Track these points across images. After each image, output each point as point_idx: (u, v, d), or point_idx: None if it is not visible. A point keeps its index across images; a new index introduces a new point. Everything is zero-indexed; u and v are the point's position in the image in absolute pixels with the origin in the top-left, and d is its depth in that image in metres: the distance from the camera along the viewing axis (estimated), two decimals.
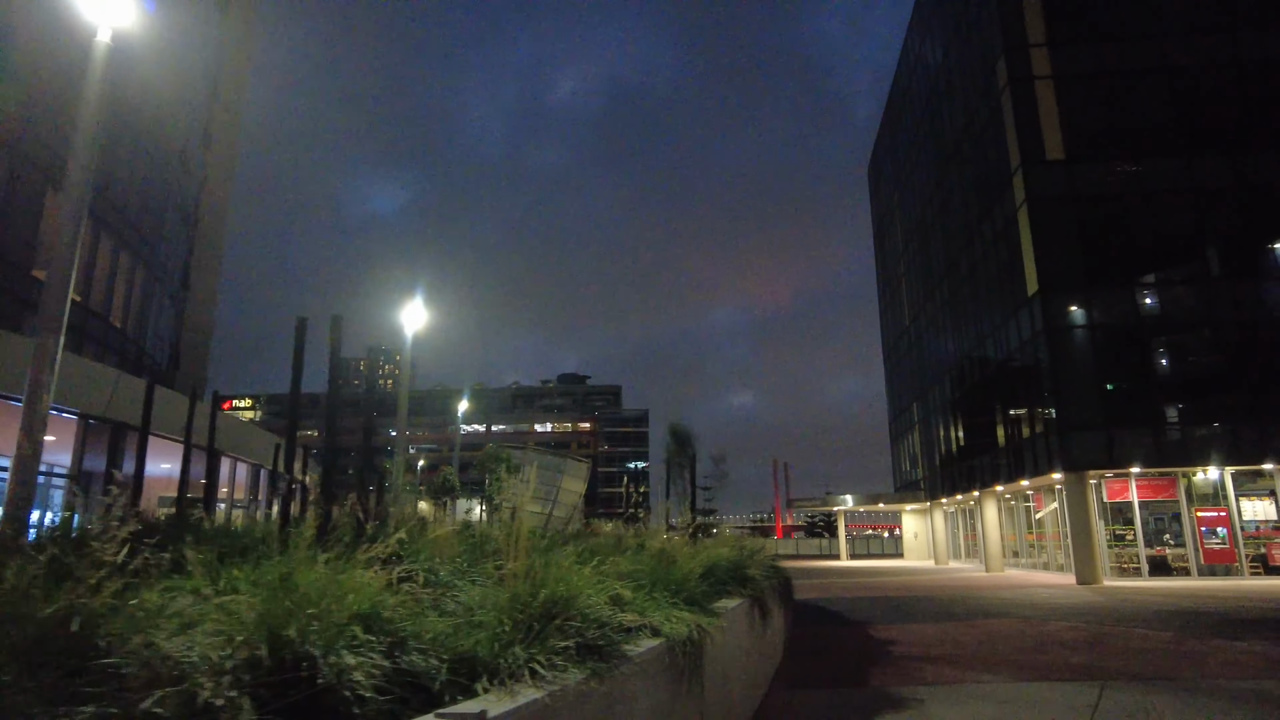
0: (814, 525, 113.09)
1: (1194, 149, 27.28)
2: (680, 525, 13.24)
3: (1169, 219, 27.11)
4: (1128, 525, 26.06)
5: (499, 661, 2.90)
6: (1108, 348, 26.51)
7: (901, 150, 50.07)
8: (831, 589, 24.92)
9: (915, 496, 47.59)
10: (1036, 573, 31.08)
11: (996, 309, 31.20)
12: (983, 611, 16.38)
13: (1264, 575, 24.87)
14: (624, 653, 3.43)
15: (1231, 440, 24.99)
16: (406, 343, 17.32)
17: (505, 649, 2.98)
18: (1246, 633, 12.35)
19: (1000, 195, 29.93)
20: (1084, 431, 25.56)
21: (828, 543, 78.00)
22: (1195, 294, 26.43)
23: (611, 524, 13.34)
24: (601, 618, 3.72)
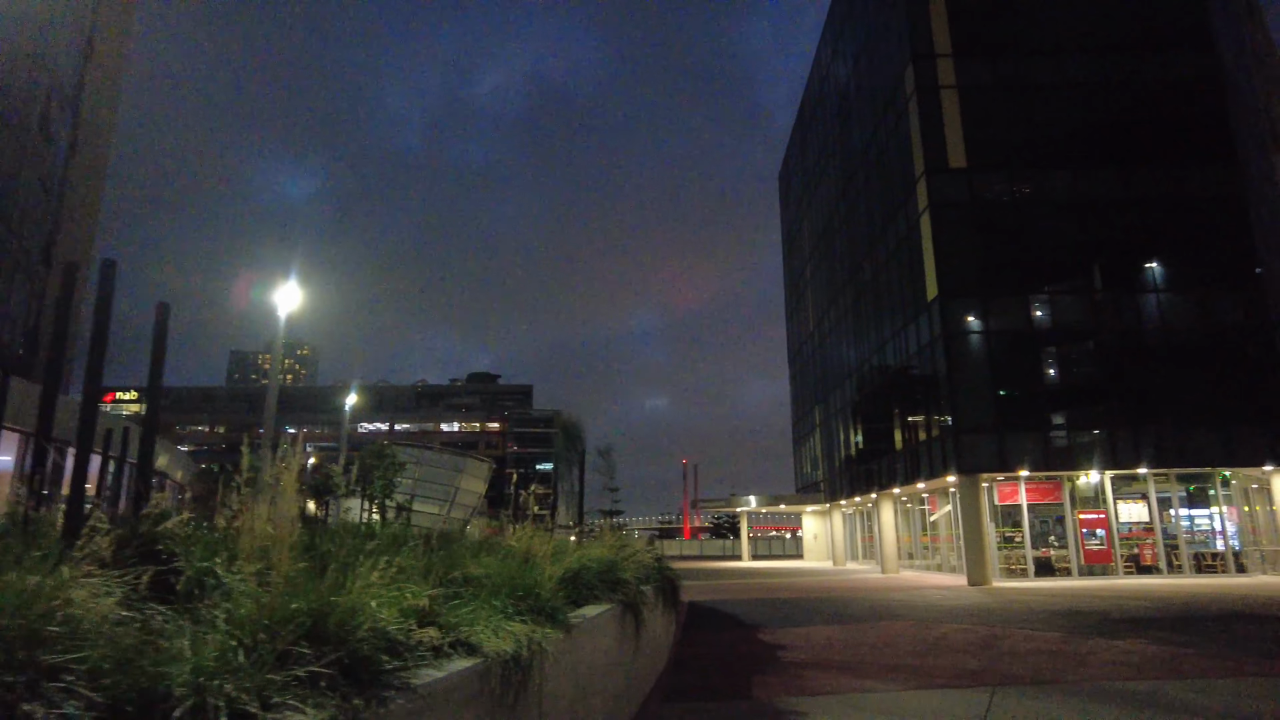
0: (719, 526, 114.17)
1: (1086, 163, 28.30)
2: (573, 526, 12.39)
3: (1061, 230, 28.01)
4: (1016, 527, 26.74)
5: (195, 700, 2.04)
6: (1001, 354, 27.16)
7: (811, 158, 50.72)
8: (730, 590, 24.58)
9: (816, 498, 48.22)
10: (930, 574, 31.67)
11: (897, 314, 31.67)
12: (877, 614, 16.20)
13: (1136, 574, 25.90)
14: (406, 681, 2.61)
15: (1111, 446, 25.95)
16: (280, 324, 15.93)
17: (212, 679, 2.12)
18: (1124, 631, 12.44)
19: (904, 202, 30.38)
20: (978, 435, 26.08)
21: (732, 544, 78.59)
22: (1082, 304, 27.39)
23: (517, 526, 12.53)
24: (391, 635, 2.91)
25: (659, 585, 8.71)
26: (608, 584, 6.01)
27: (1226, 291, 27.55)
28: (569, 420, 16.06)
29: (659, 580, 8.88)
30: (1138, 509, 26.75)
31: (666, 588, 9.53)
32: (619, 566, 6.44)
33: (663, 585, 9.03)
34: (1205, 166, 28.34)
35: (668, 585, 9.60)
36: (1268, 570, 26.82)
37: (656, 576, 8.76)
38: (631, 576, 6.42)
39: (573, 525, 20.71)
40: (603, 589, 5.89)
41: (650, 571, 8.44)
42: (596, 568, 6.05)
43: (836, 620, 15.07)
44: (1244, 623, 13.81)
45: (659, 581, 8.83)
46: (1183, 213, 28.05)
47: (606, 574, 6.12)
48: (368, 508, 20.65)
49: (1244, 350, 27.17)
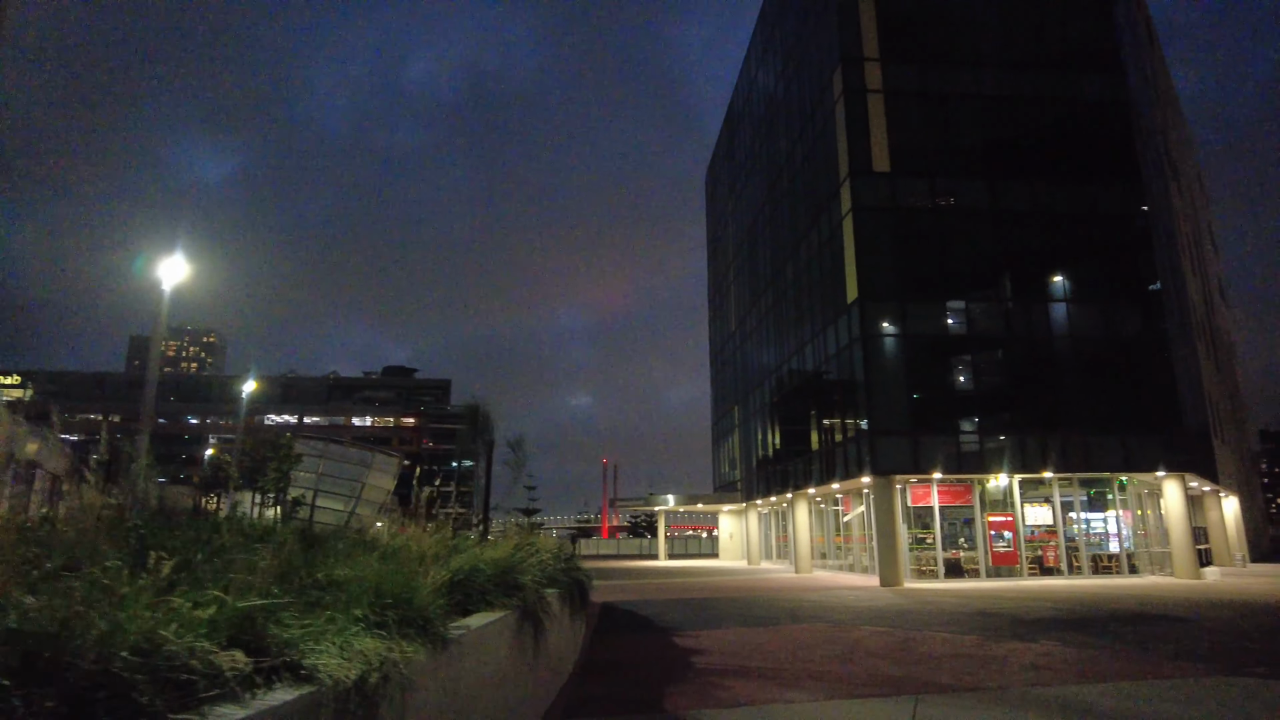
0: (637, 525, 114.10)
1: (1001, 175, 28.95)
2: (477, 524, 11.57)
3: (977, 239, 28.57)
4: (927, 529, 27.09)
5: None
6: (917, 358, 27.50)
7: (738, 157, 50.83)
8: (645, 590, 24.05)
9: (733, 497, 48.31)
10: (843, 574, 31.89)
11: (818, 316, 31.79)
12: (793, 615, 15.89)
13: (1040, 576, 26.57)
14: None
15: (1020, 450, 26.56)
16: (163, 298, 14.54)
17: None
18: (1038, 633, 12.40)
19: (828, 204, 30.49)
20: (892, 437, 26.29)
21: (649, 543, 78.39)
22: (995, 313, 27.99)
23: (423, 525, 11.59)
24: (179, 659, 2.15)
25: (566, 588, 8.01)
26: (504, 588, 5.29)
27: (1128, 306, 28.62)
28: (476, 406, 14.60)
29: (567, 582, 8.18)
30: (1043, 512, 27.47)
31: (574, 590, 8.84)
32: (518, 568, 5.72)
33: (570, 588, 8.34)
34: (1112, 185, 29.39)
35: (576, 587, 8.91)
36: (1156, 571, 27.97)
37: (564, 578, 8.06)
38: (532, 579, 5.71)
39: (477, 523, 19.73)
40: (497, 594, 5.16)
41: (557, 573, 7.74)
42: (491, 570, 5.32)
43: (752, 622, 14.66)
44: (1146, 623, 14.02)
45: (567, 584, 8.13)
46: (1090, 228, 28.99)
47: (503, 577, 5.40)
48: (260, 502, 19.26)
49: (1142, 362, 28.26)
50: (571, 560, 11.12)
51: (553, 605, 6.42)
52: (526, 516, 61.56)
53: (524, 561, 6.07)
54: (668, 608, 18.01)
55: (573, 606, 8.46)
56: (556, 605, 6.95)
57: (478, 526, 18.01)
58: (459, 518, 16.77)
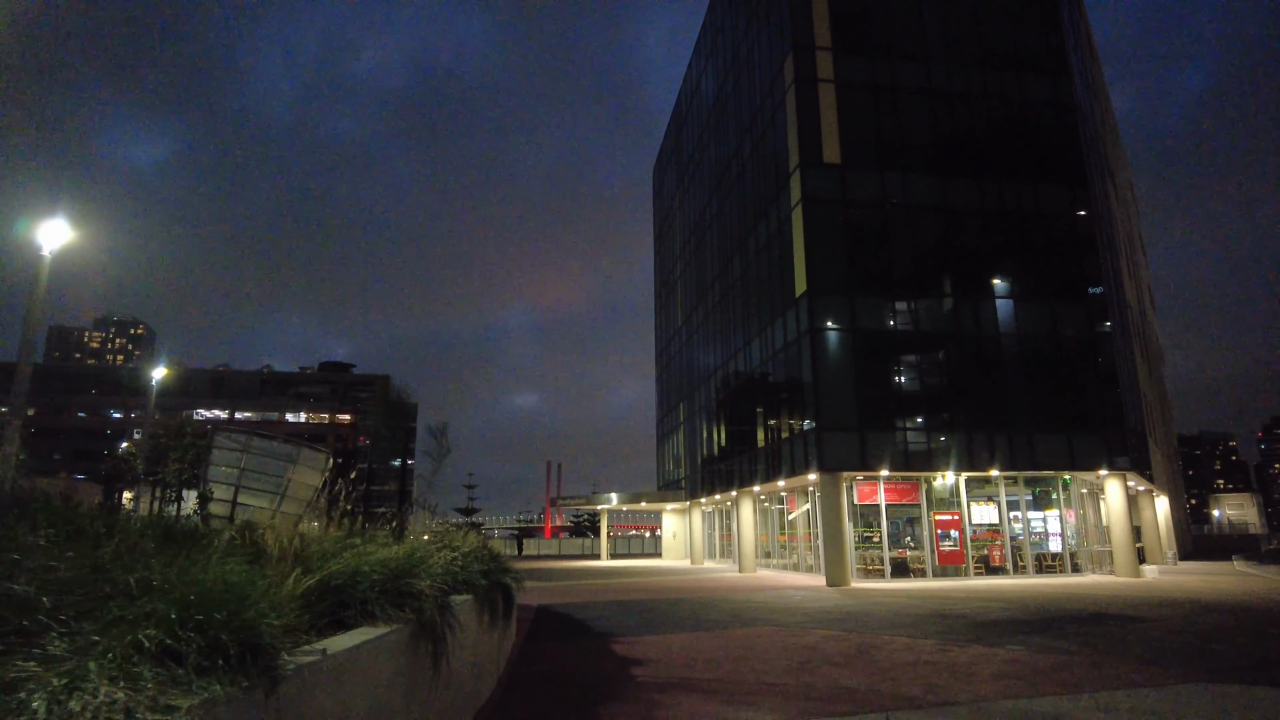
0: (580, 525, 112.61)
1: (949, 171, 28.67)
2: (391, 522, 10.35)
3: (926, 235, 28.22)
4: (873, 528, 26.59)
5: None
6: (866, 354, 26.99)
7: (686, 152, 50.04)
8: (585, 592, 22.94)
9: (677, 496, 47.48)
10: (787, 573, 31.26)
11: (765, 310, 31.11)
12: (740, 618, 14.98)
13: (985, 575, 26.31)
14: None
15: (967, 448, 26.25)
16: (44, 264, 12.90)
17: None
18: (999, 637, 11.71)
19: (777, 196, 29.82)
20: (840, 433, 25.71)
21: (591, 543, 77.09)
22: (943, 309, 27.65)
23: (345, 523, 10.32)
24: None
25: (485, 593, 6.88)
26: (394, 596, 4.16)
27: (1072, 305, 28.60)
28: (392, 389, 13.01)
29: (486, 586, 7.05)
30: (988, 511, 27.23)
31: (496, 595, 7.71)
32: (415, 571, 4.58)
33: (491, 592, 7.22)
34: (1058, 186, 29.41)
35: (498, 592, 7.78)
36: (1097, 570, 28.01)
37: (482, 581, 6.92)
38: (432, 585, 4.57)
39: (388, 522, 18.37)
40: (384, 604, 4.03)
41: (472, 576, 6.60)
42: (379, 575, 4.18)
43: (698, 626, 13.70)
44: (1106, 624, 13.49)
45: (486, 588, 6.99)
46: (1036, 228, 28.93)
47: (394, 583, 4.26)
48: (160, 497, 17.58)
49: (1086, 362, 28.29)
50: (498, 561, 9.99)
51: (462, 616, 5.29)
52: (465, 516, 59.94)
53: (424, 563, 4.94)
54: (607, 610, 16.95)
55: (494, 614, 7.33)
56: (468, 615, 5.83)
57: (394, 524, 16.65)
58: (390, 517, 15.50)
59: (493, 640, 7.54)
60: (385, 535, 7.85)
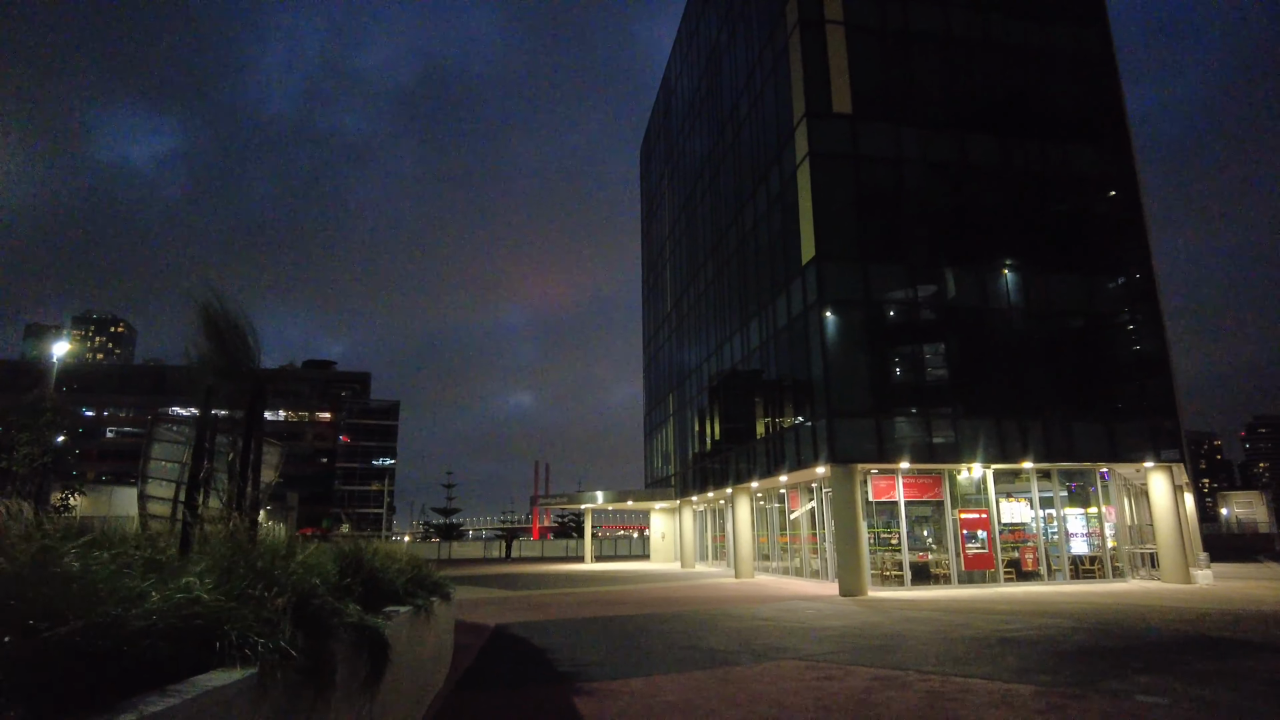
0: (565, 526, 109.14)
1: (970, 126, 25.50)
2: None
3: (946, 196, 25.00)
4: (891, 528, 23.32)
5: None
6: (881, 328, 23.74)
7: (676, 123, 46.66)
8: (559, 605, 19.55)
9: (665, 494, 44.10)
10: (790, 579, 27.99)
11: (765, 283, 27.80)
12: (749, 646, 11.63)
13: (1017, 580, 23.14)
14: None
15: (996, 437, 23.03)
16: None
17: None
18: (1109, 676, 8.42)
19: (779, 154, 26.51)
20: (854, 419, 22.43)
21: (576, 544, 73.58)
22: (967, 280, 24.37)
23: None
24: None
25: (317, 642, 3.54)
26: None
27: (1113, 279, 25.51)
28: (207, 304, 8.09)
29: (333, 631, 3.71)
30: (1019, 508, 24.02)
31: (360, 644, 4.34)
32: None
33: (355, 642, 3.88)
34: (1095, 145, 26.33)
35: (359, 640, 4.41)
36: (1141, 574, 24.86)
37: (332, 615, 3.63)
38: None
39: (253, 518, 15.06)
40: None
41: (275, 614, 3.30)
42: None
43: (697, 660, 10.33)
44: (1227, 653, 10.20)
45: (318, 636, 3.63)
46: (1071, 192, 25.78)
47: None
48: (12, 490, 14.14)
49: (1128, 342, 25.18)
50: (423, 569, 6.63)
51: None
52: (444, 516, 56.48)
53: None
54: (581, 633, 13.57)
55: (350, 676, 3.98)
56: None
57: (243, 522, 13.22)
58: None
59: (361, 712, 4.17)
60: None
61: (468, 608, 19.00)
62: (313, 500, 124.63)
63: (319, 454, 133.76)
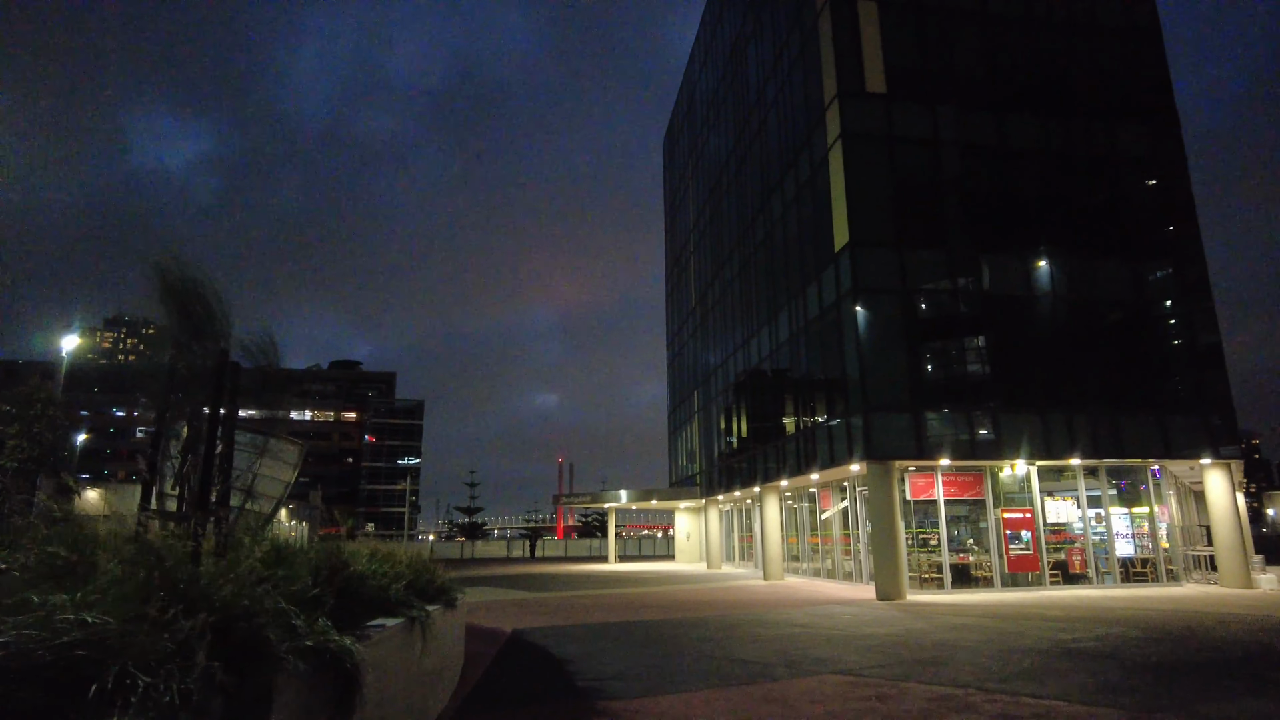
0: (589, 525, 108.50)
1: (1009, 105, 24.27)
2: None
3: (986, 180, 23.79)
4: (930, 528, 22.15)
5: None
6: (919, 318, 22.59)
7: (699, 113, 45.62)
8: (581, 608, 18.65)
9: (691, 493, 43.07)
10: (821, 581, 26.89)
11: (794, 273, 26.71)
12: (787, 656, 10.63)
13: (1064, 584, 21.88)
14: None
15: (1041, 432, 21.79)
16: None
17: None
18: (1204, 699, 7.32)
19: (809, 138, 25.43)
20: (891, 414, 21.31)
21: (600, 543, 72.76)
22: (1008, 267, 23.12)
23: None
24: None
25: (248, 676, 2.66)
26: None
27: (1164, 266, 24.16)
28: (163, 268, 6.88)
29: (276, 660, 2.82)
30: (1065, 507, 22.76)
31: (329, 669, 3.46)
32: None
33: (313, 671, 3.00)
34: (1142, 124, 24.97)
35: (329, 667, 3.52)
36: (1196, 578, 23.47)
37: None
38: None
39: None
40: None
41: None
42: None
43: (732, 675, 9.35)
44: None
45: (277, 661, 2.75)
46: (1118, 174, 24.48)
47: None
48: None
49: (1182, 331, 23.80)
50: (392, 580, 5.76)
51: None
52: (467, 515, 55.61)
53: None
54: (604, 640, 12.64)
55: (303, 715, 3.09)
56: None
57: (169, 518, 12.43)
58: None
59: None
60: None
61: (484, 611, 18.17)
62: (339, 500, 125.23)
63: (345, 454, 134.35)
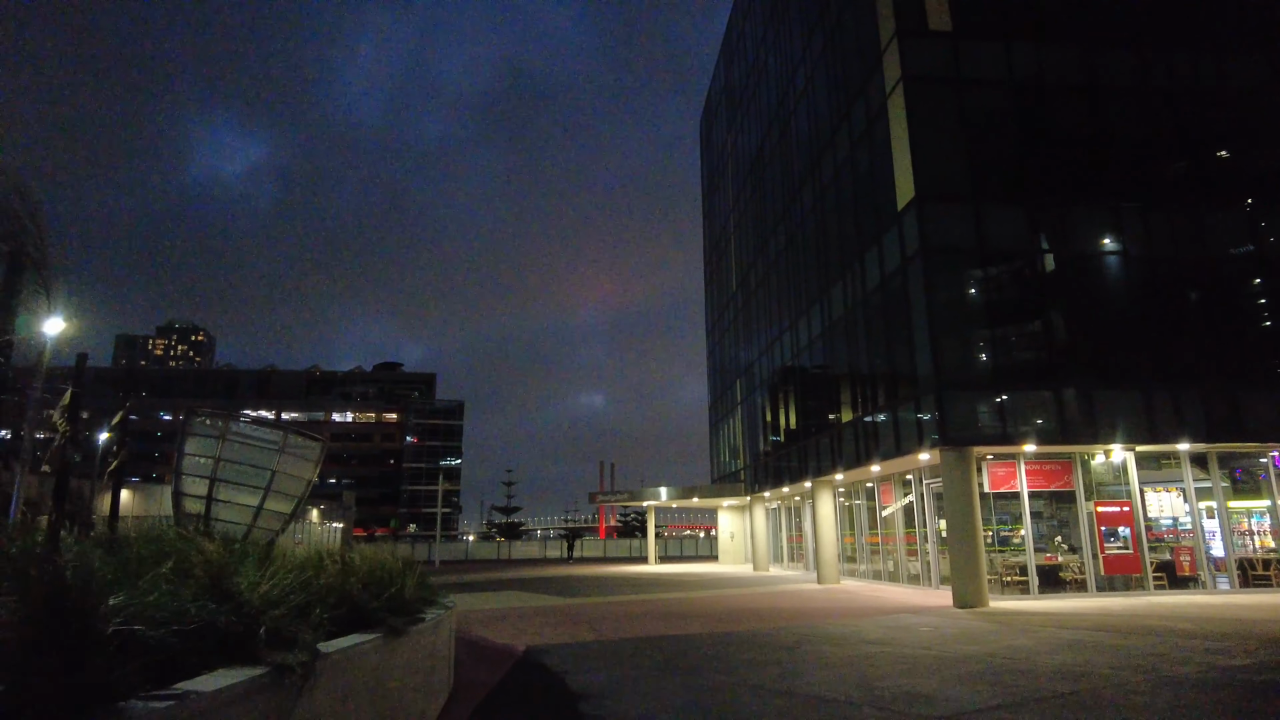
0: (629, 525, 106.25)
1: (1096, 38, 21.25)
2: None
3: (1070, 123, 20.83)
4: (1013, 524, 19.29)
5: None
6: (998, 282, 19.74)
7: (737, 83, 42.94)
8: (610, 618, 16.24)
9: (734, 490, 40.41)
10: (882, 585, 24.15)
11: (850, 241, 23.98)
12: (869, 691, 8.07)
13: (1170, 588, 18.88)
14: None
15: (1143, 412, 18.80)
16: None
17: None
18: None
19: (864, 87, 22.71)
20: (969, 393, 18.53)
21: (639, 544, 70.36)
22: (1102, 221, 20.13)
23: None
24: None
25: None
26: None
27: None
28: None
29: None
30: (1169, 500, 19.73)
31: None
32: None
33: None
34: (1258, 53, 21.82)
35: None
36: None
37: None
38: None
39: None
40: None
41: None
42: None
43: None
44: None
45: None
46: (1230, 113, 21.34)
47: None
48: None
49: None
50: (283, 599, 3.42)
51: None
52: (505, 514, 53.31)
53: None
54: (636, 665, 10.20)
55: None
56: None
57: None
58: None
59: None
60: None
61: (501, 621, 15.88)
62: (380, 501, 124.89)
63: (387, 455, 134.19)
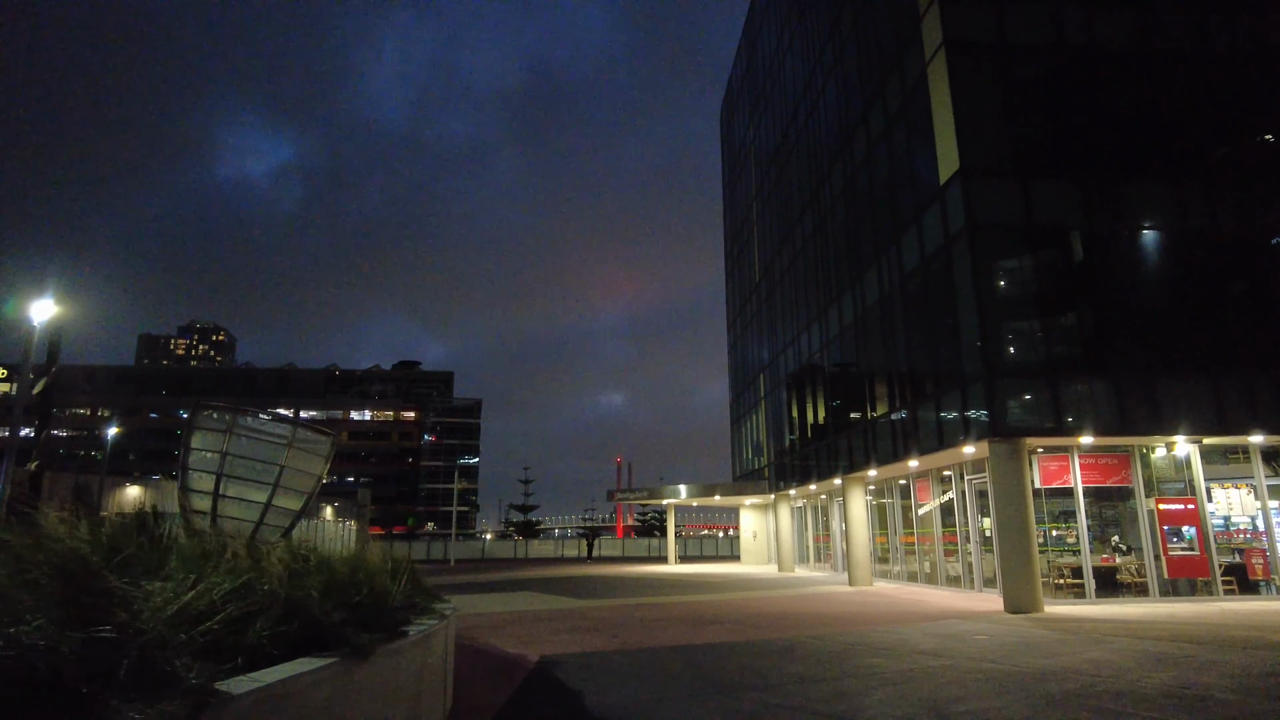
0: (647, 524, 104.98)
1: (1155, 4, 19.73)
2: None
3: (1126, 91, 19.32)
4: (1067, 522, 17.85)
5: None
6: (1050, 261, 18.28)
7: (760, 69, 41.54)
8: (632, 623, 14.99)
9: (757, 488, 39.04)
10: (918, 587, 22.74)
11: (886, 222, 22.59)
12: (936, 713, 6.76)
13: (1240, 594, 17.36)
14: None
15: (1212, 401, 17.29)
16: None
17: None
18: None
19: (900, 57, 21.32)
20: (1020, 381, 17.13)
21: (659, 543, 69.08)
22: (1161, 195, 18.62)
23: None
24: None
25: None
26: None
27: None
28: None
29: None
30: (1238, 497, 18.18)
31: None
32: None
33: None
34: None
35: None
36: None
37: None
38: None
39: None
40: None
41: None
42: None
43: None
44: None
45: None
46: None
47: None
48: None
49: None
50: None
51: None
52: (522, 513, 51.96)
53: None
54: (663, 679, 8.95)
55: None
56: None
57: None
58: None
59: None
60: None
61: (514, 626, 14.70)
62: (398, 499, 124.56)
63: (405, 453, 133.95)
